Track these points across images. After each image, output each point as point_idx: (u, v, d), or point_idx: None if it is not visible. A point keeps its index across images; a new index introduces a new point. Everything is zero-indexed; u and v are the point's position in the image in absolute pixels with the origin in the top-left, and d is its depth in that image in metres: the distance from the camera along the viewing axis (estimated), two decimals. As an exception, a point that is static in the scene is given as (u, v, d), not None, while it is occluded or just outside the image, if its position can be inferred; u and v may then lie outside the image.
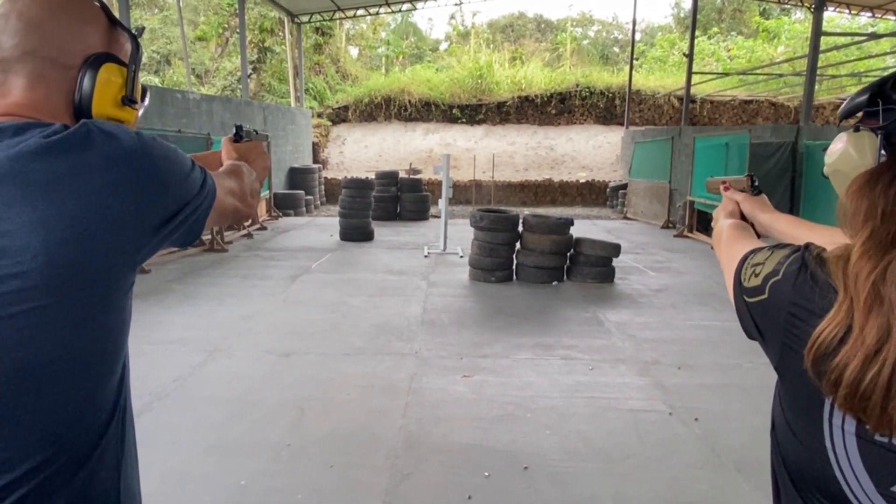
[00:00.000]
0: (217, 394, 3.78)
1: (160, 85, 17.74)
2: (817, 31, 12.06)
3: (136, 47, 0.91)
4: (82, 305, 0.74)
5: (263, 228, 10.95)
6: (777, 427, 0.81)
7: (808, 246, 0.78)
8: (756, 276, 0.81)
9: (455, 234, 9.60)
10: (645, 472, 2.94)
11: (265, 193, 12.03)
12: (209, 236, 8.66)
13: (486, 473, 2.88)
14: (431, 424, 3.40)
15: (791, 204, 9.73)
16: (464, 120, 20.42)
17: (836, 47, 16.36)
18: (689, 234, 11.01)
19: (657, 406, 3.71)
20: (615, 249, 7.05)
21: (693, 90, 16.64)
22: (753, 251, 0.87)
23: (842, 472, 0.69)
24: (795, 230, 1.16)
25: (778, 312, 0.76)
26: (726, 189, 1.32)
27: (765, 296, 0.79)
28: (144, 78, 19.78)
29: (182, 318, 5.34)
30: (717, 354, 4.69)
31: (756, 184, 1.28)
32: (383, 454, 3.06)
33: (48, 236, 0.70)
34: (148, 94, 0.99)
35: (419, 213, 12.65)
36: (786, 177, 10.02)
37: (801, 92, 14.00)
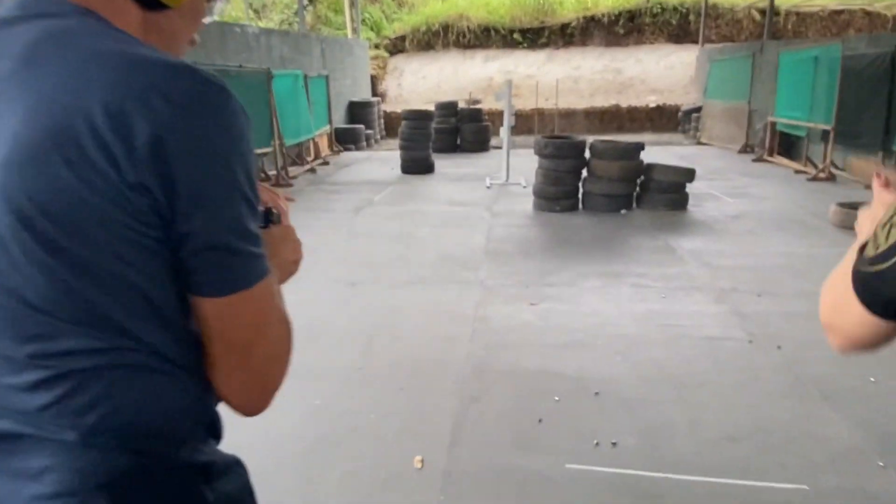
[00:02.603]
0: (289, 321, 3.88)
1: (218, 20, 17.77)
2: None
3: None
4: None
5: (326, 163, 11.03)
6: None
7: None
8: (887, 238, 0.63)
9: (517, 165, 9.35)
10: (722, 400, 2.83)
11: (326, 128, 12.05)
12: (274, 172, 8.80)
13: (556, 398, 2.85)
14: (498, 351, 3.38)
15: (887, 124, 8.88)
16: (525, 45, 19.54)
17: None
18: (770, 159, 10.31)
19: (735, 334, 3.55)
20: (689, 175, 6.68)
21: (776, 1, 15.19)
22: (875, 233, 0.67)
23: None
24: None
25: None
26: (883, 184, 0.85)
27: None
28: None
29: (253, 250, 5.48)
30: (801, 281, 4.42)
31: None
32: (452, 379, 3.07)
33: None
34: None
35: (479, 143, 12.38)
36: (883, 92, 9.10)
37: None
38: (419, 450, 2.47)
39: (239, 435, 2.77)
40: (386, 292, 4.37)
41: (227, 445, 0.83)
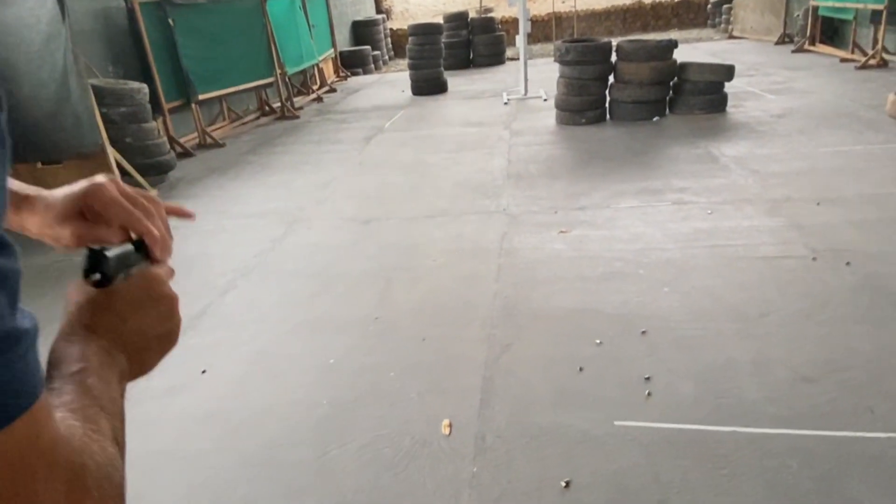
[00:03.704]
0: (299, 267, 3.58)
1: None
2: None
3: None
4: None
5: (333, 90, 10.45)
6: None
7: None
8: None
9: (536, 76, 8.68)
10: (790, 331, 2.47)
11: (330, 52, 11.35)
12: (279, 104, 8.31)
13: (598, 341, 2.52)
14: (529, 288, 3.04)
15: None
16: (536, -57, 18.03)
17: None
18: (812, 48, 9.42)
19: (797, 251, 3.14)
20: (728, 72, 6.03)
21: None
22: None
23: None
24: None
25: None
26: None
27: None
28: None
29: (259, 190, 5.15)
30: (863, 184, 3.93)
31: None
32: (479, 324, 2.76)
33: None
34: None
35: (495, 56, 11.60)
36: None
37: None
38: (447, 412, 2.19)
39: (245, 403, 2.47)
40: (402, 229, 4.02)
41: (229, 414, 0.48)
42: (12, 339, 0.29)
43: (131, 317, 0.46)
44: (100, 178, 0.51)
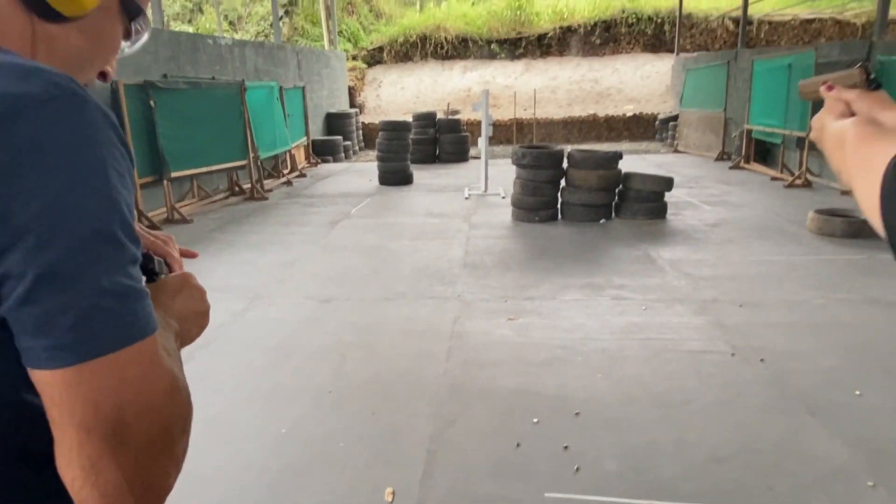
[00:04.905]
0: (258, 340, 3.72)
1: (192, 31, 17.56)
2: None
3: None
4: None
5: (303, 175, 10.86)
6: None
7: None
8: None
9: (496, 175, 9.28)
10: (708, 418, 2.73)
11: (303, 140, 11.88)
12: (249, 185, 8.62)
13: (535, 420, 2.73)
14: (476, 369, 3.26)
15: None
16: (503, 55, 19.60)
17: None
18: (746, 166, 10.37)
19: (718, 347, 3.46)
20: (667, 183, 6.65)
21: (749, 10, 15.40)
22: None
23: None
24: None
25: None
26: (830, 89, 1.03)
27: None
28: (176, 27, 19.64)
29: (224, 267, 5.32)
30: (782, 290, 4.36)
31: (873, 76, 0.97)
32: (427, 400, 2.94)
33: None
34: (147, 20, 0.67)
35: (459, 154, 12.31)
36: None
37: (871, 5, 12.74)
38: (391, 480, 2.33)
39: (199, 465, 2.58)
40: (360, 309, 4.22)
41: (186, 476, 0.68)
42: (144, 294, 0.52)
43: (176, 298, 0.69)
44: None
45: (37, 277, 0.46)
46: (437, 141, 12.31)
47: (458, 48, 19.74)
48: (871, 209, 0.64)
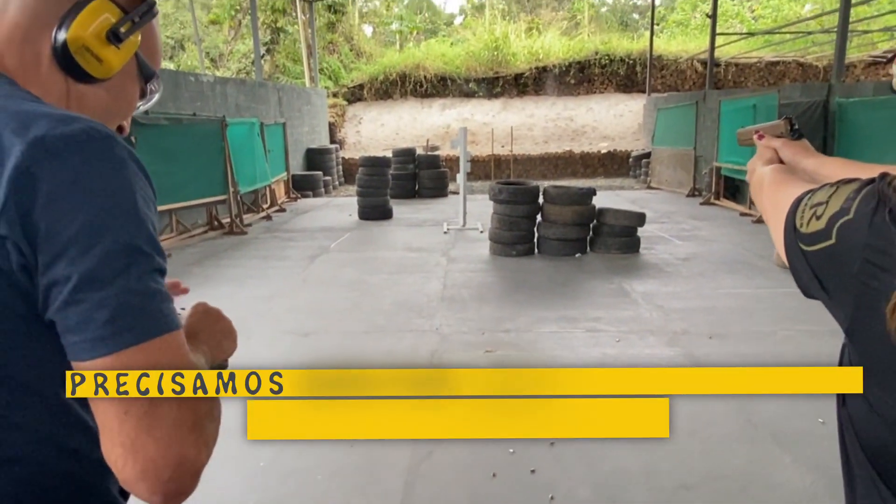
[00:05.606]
0: (236, 375, 3.73)
1: (173, 69, 17.74)
2: (849, -16, 11.46)
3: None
4: None
5: (282, 210, 10.92)
6: (848, 402, 0.67)
7: (883, 176, 0.62)
8: (818, 218, 0.66)
9: (474, 210, 9.45)
10: (677, 446, 2.81)
11: (283, 175, 11.98)
12: (228, 220, 8.65)
13: (511, 450, 2.78)
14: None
15: (823, 166, 9.34)
16: (481, 94, 20.09)
17: (867, 1, 15.62)
18: (716, 202, 10.69)
19: (688, 377, 3.56)
20: (640, 219, 6.85)
21: (717, 53, 16.07)
22: (811, 191, 0.72)
23: None
24: (848, 173, 1.00)
25: (849, 260, 0.61)
26: (760, 138, 1.15)
27: (831, 241, 0.64)
28: (160, 64, 19.79)
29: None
30: (750, 322, 4.51)
31: (796, 127, 1.11)
32: (405, 432, 2.98)
33: None
34: (159, 82, 0.81)
35: (438, 189, 12.49)
36: (817, 137, 9.61)
37: (831, 50, 13.42)
38: (368, 511, 2.36)
39: None
40: (339, 342, 4.26)
41: None
42: (168, 296, 0.61)
43: (203, 324, 0.79)
44: None
45: (78, 281, 0.55)
46: (417, 176, 12.50)
47: (437, 86, 20.19)
48: (779, 245, 0.75)
